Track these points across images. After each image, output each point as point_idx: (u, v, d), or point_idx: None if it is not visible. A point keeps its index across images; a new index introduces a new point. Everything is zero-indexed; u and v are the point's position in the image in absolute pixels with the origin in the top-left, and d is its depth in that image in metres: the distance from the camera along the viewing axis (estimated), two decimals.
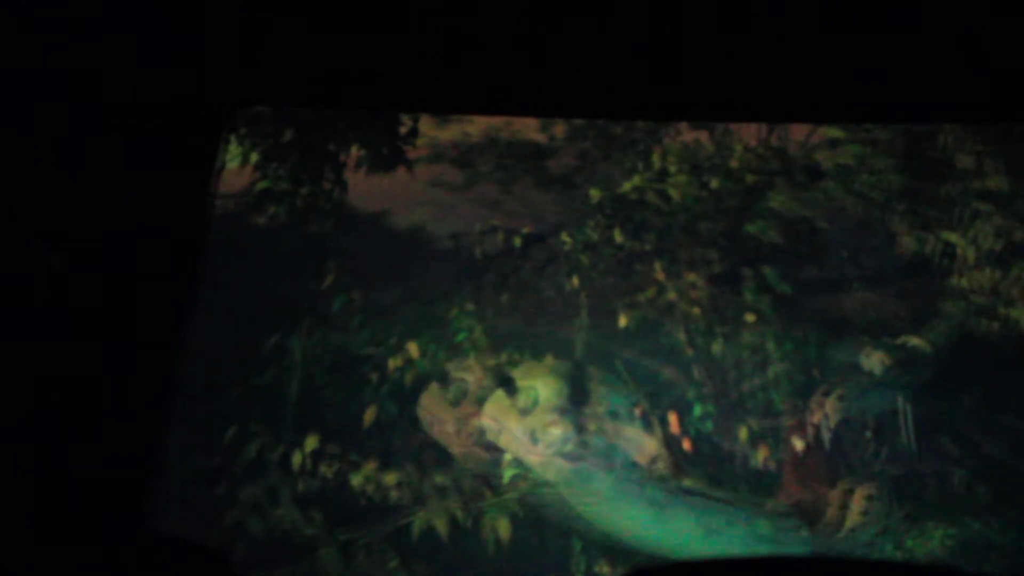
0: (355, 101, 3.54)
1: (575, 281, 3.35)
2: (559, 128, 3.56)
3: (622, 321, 3.28)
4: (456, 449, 3.19)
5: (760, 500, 3.10)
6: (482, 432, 3.22)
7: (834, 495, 3.06)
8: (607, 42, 3.29)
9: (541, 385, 3.26)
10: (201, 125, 3.35)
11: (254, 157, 3.51)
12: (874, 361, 3.20)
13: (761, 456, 3.12)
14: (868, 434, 3.12)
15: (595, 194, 3.47)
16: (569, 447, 3.18)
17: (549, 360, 3.30)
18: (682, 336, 3.27)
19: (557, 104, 3.50)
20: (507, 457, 3.18)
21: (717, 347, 3.26)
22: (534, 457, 3.17)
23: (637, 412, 3.17)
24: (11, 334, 2.62)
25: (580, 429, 3.20)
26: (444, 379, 3.27)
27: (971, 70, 3.17)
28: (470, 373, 3.28)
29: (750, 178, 3.48)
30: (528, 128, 3.57)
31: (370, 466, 3.10)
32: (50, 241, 2.78)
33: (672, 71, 3.30)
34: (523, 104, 3.50)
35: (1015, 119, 3.41)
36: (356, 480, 3.08)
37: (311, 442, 3.12)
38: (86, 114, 2.95)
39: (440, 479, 3.10)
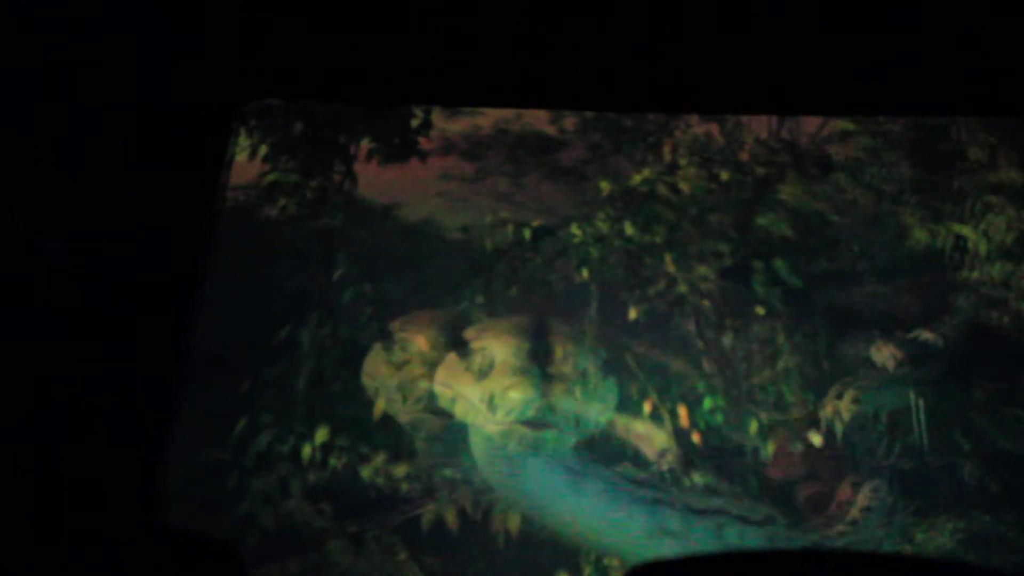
0: (364, 94, 3.53)
1: (585, 274, 3.35)
2: (569, 121, 3.56)
3: (632, 314, 3.28)
4: (404, 417, 3.15)
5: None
6: (432, 396, 3.16)
7: (842, 489, 3.06)
8: (617, 34, 3.28)
9: (497, 345, 3.20)
10: (210, 118, 3.36)
11: (263, 150, 3.51)
12: (885, 355, 3.19)
13: (771, 449, 3.12)
14: (881, 428, 3.12)
15: (605, 187, 3.47)
16: (531, 413, 3.14)
17: (506, 318, 3.25)
18: (692, 329, 3.27)
19: (567, 97, 3.49)
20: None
21: (727, 340, 3.25)
22: (492, 427, 3.13)
23: (647, 406, 3.17)
24: (13, 332, 2.63)
25: (545, 392, 3.15)
26: (388, 340, 3.23)
27: (984, 63, 3.15)
28: (416, 331, 3.24)
29: (760, 171, 3.47)
30: (538, 121, 3.57)
31: (380, 458, 3.11)
32: (53, 235, 2.79)
33: (682, 63, 3.28)
34: (533, 97, 3.49)
35: None
36: (366, 472, 3.09)
37: (321, 434, 3.13)
38: (90, 111, 2.96)
39: (450, 472, 3.11)
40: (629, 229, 3.40)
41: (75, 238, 2.82)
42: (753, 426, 3.14)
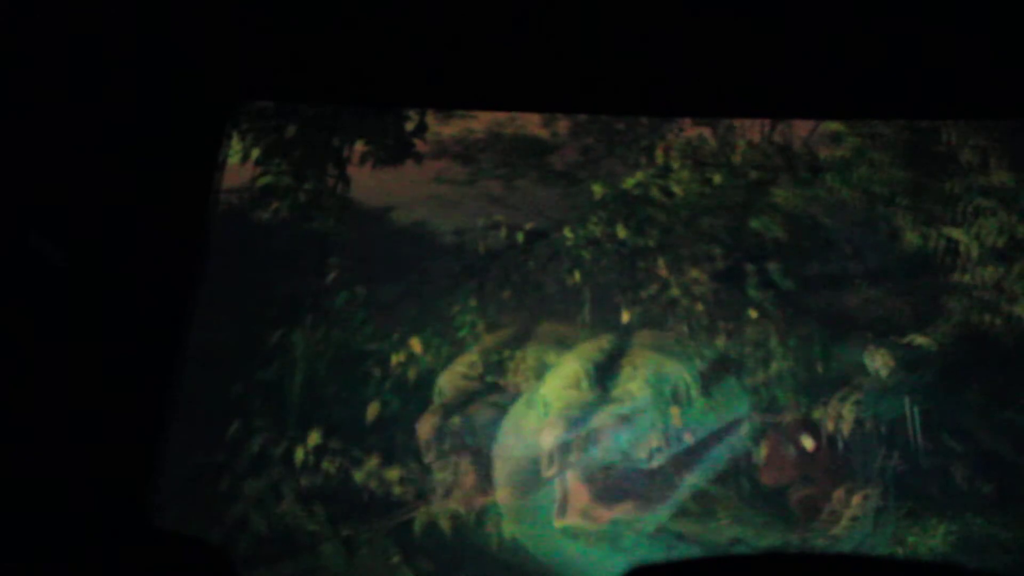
0: (358, 97, 3.54)
1: (578, 277, 3.35)
2: (562, 124, 3.56)
3: (625, 317, 3.28)
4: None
5: None
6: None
7: (836, 493, 3.06)
8: (610, 38, 3.28)
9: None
10: (203, 121, 3.35)
11: (255, 153, 3.51)
12: (879, 362, 3.19)
13: (763, 452, 3.12)
14: (880, 434, 3.12)
15: (598, 190, 3.47)
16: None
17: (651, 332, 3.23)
18: (685, 331, 3.27)
19: (560, 100, 3.50)
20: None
21: (720, 342, 3.25)
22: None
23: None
24: (11, 333, 2.63)
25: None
26: (532, 399, 3.21)
27: (976, 66, 3.16)
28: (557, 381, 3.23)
29: (753, 174, 3.47)
30: (531, 124, 3.57)
31: (373, 462, 3.10)
32: (50, 238, 2.78)
33: (675, 67, 3.29)
34: (526, 99, 3.50)
35: (1021, 115, 3.40)
36: (359, 476, 3.09)
37: (314, 437, 3.12)
38: (86, 112, 2.95)
39: (442, 475, 3.10)
40: (622, 232, 3.40)
41: (70, 241, 2.81)
42: (745, 428, 3.14)
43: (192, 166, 3.32)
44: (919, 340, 3.23)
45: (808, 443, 3.11)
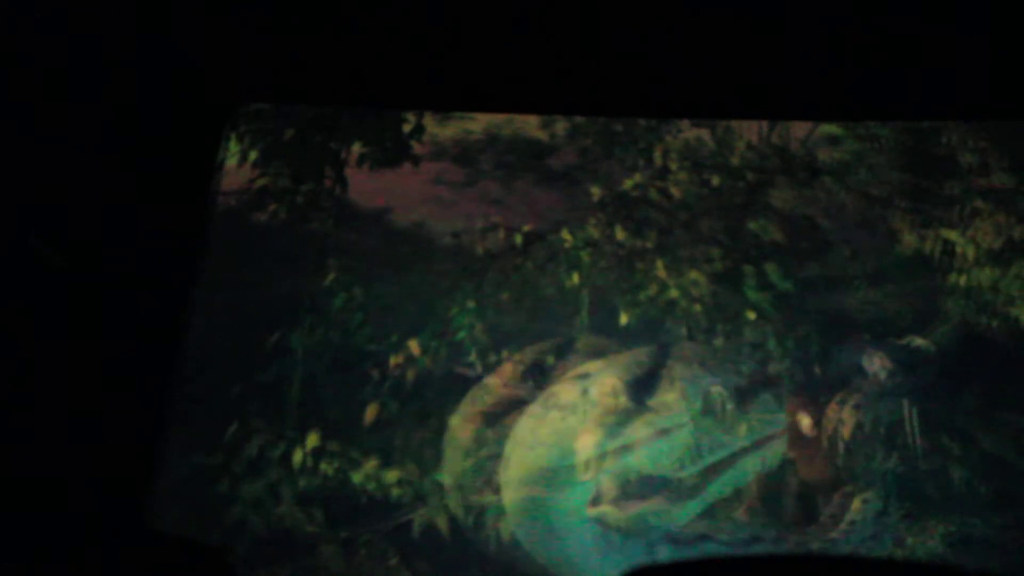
0: (356, 98, 3.54)
1: (576, 279, 3.35)
2: (560, 125, 3.56)
3: (623, 319, 3.28)
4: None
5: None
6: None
7: (835, 495, 3.06)
8: (608, 39, 3.29)
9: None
10: (200, 123, 3.35)
11: (253, 155, 3.51)
12: (877, 366, 3.20)
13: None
14: (880, 437, 3.12)
15: (596, 192, 3.47)
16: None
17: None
18: (684, 333, 3.27)
19: (558, 101, 3.50)
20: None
21: (719, 344, 3.25)
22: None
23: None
24: (10, 334, 2.62)
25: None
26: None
27: (976, 67, 3.17)
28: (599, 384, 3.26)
29: (751, 176, 3.48)
30: (529, 125, 3.57)
31: (371, 464, 3.10)
32: (49, 239, 2.78)
33: (673, 69, 3.30)
34: (525, 101, 3.50)
35: (1021, 116, 3.41)
36: (357, 478, 3.08)
37: (312, 439, 3.12)
38: (85, 113, 2.95)
39: (441, 477, 3.10)
40: (620, 234, 3.40)
41: (68, 242, 2.81)
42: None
43: (191, 167, 3.32)
44: (917, 342, 3.23)
45: (805, 421, 3.11)
